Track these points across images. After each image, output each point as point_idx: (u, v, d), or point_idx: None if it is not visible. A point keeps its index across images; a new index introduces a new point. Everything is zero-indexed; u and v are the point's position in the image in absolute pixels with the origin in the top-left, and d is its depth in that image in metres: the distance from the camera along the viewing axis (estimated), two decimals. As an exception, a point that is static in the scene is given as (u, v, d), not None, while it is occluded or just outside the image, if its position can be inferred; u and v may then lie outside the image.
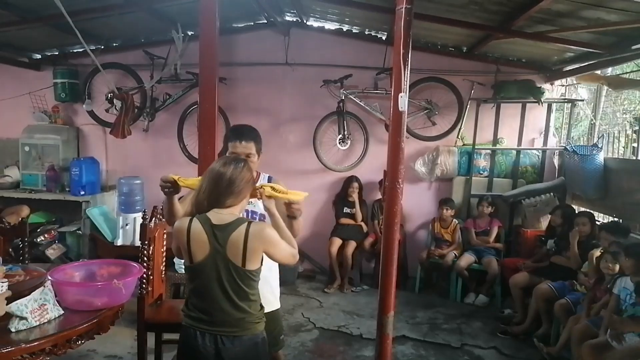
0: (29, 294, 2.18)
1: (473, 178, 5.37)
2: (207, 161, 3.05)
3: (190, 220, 1.86)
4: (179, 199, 2.25)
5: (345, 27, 5.45)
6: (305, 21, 5.40)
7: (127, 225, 5.07)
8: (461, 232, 5.15)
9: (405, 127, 2.12)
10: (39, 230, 5.04)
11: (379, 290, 2.32)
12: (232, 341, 1.84)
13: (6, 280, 2.28)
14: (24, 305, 2.09)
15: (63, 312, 2.26)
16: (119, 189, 5.25)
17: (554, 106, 5.44)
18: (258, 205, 2.37)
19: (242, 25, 5.52)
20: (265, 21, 5.36)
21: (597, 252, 3.60)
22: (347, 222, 5.26)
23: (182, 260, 4.47)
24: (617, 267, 3.30)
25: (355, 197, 5.21)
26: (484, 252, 4.90)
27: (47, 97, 5.69)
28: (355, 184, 5.23)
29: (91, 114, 5.56)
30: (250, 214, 2.39)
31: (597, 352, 2.91)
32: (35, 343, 2.01)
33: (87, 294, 2.35)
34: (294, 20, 5.39)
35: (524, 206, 5.10)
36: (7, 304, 2.10)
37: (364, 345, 3.82)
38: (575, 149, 4.60)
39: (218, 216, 1.85)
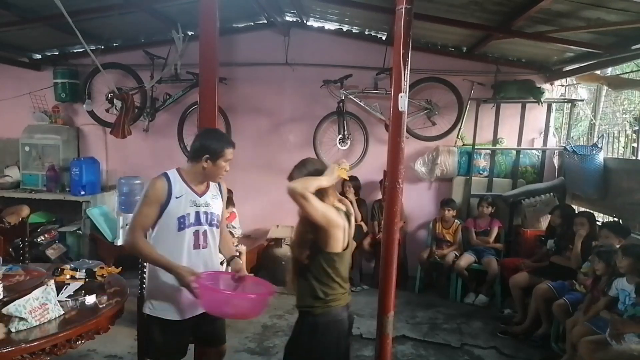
0: (28, 294, 2.18)
1: (473, 178, 5.37)
2: (207, 161, 3.02)
3: (346, 216, 2.14)
4: None
5: (345, 27, 5.45)
6: (305, 21, 5.40)
7: (127, 225, 5.06)
8: (461, 232, 5.15)
9: (405, 127, 2.12)
10: (39, 230, 5.04)
11: (379, 290, 2.32)
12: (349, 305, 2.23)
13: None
14: (22, 306, 2.09)
15: (64, 312, 2.26)
16: (119, 189, 5.25)
17: (553, 106, 5.45)
18: (212, 206, 2.38)
19: (242, 25, 5.53)
20: (265, 21, 5.36)
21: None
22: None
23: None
24: (601, 266, 3.31)
25: (351, 196, 5.19)
26: (484, 252, 4.90)
27: (47, 97, 5.70)
28: (348, 184, 5.19)
29: (91, 114, 5.56)
30: (209, 215, 2.36)
31: (595, 348, 2.92)
32: (35, 343, 2.00)
33: (239, 306, 2.30)
34: (294, 20, 5.39)
35: (524, 206, 5.10)
36: (6, 305, 2.11)
37: (364, 345, 3.82)
38: (575, 149, 4.59)
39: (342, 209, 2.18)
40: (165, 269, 2.20)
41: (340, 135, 5.27)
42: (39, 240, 4.89)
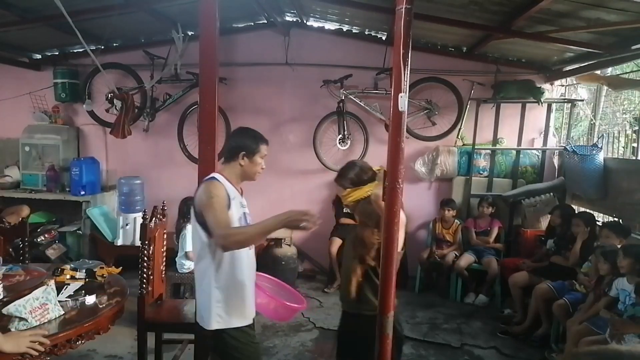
0: (28, 294, 2.18)
1: (473, 178, 5.37)
2: (207, 161, 3.03)
3: None
4: None
5: (345, 27, 5.45)
6: (305, 21, 5.40)
7: (127, 225, 5.08)
8: (461, 232, 5.15)
9: (405, 127, 2.12)
10: (39, 230, 5.04)
11: (379, 290, 2.31)
12: None
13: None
14: (22, 306, 2.09)
15: (64, 312, 2.26)
16: (119, 189, 5.26)
17: (553, 106, 5.45)
18: (247, 207, 2.37)
19: (242, 25, 5.53)
20: (265, 21, 5.36)
21: None
22: (347, 222, 5.25)
23: (184, 261, 4.46)
24: (606, 266, 3.31)
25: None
26: (484, 252, 4.90)
27: (47, 97, 5.69)
28: None
29: (91, 114, 5.56)
30: (249, 217, 2.34)
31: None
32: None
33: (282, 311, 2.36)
34: (294, 20, 5.39)
35: (524, 206, 5.10)
36: (6, 305, 2.11)
37: (364, 345, 3.81)
38: (575, 149, 4.59)
39: None
40: (276, 228, 1.99)
41: (340, 135, 5.26)
42: (39, 240, 4.89)
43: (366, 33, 5.45)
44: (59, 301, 2.29)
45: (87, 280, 2.69)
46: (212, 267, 2.12)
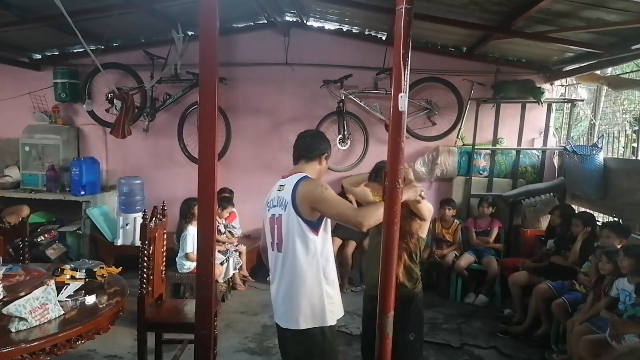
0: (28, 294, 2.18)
1: (473, 178, 5.37)
2: (207, 161, 3.02)
3: None
4: None
5: (345, 27, 5.46)
6: (305, 21, 5.40)
7: (127, 225, 5.08)
8: (461, 232, 5.15)
9: (405, 127, 2.12)
10: (39, 230, 5.04)
11: (379, 290, 2.31)
12: None
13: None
14: (22, 306, 2.09)
15: (64, 312, 2.26)
16: (119, 189, 5.26)
17: (553, 106, 5.45)
18: None
19: (242, 25, 5.53)
20: (265, 21, 5.36)
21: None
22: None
23: (184, 261, 4.46)
24: (610, 267, 3.30)
25: (351, 197, 5.18)
26: (484, 252, 4.90)
27: (47, 97, 5.70)
28: None
29: (91, 114, 5.56)
30: None
31: (595, 348, 2.92)
32: (35, 343, 2.00)
33: None
34: (294, 20, 5.40)
35: (524, 206, 5.10)
36: (6, 305, 2.11)
37: (364, 345, 3.81)
38: (575, 149, 4.59)
39: None
40: (406, 198, 2.15)
41: (340, 135, 5.26)
42: (39, 240, 4.89)
43: (366, 33, 5.45)
44: (59, 301, 2.29)
45: (87, 280, 2.69)
46: (320, 263, 2.15)
